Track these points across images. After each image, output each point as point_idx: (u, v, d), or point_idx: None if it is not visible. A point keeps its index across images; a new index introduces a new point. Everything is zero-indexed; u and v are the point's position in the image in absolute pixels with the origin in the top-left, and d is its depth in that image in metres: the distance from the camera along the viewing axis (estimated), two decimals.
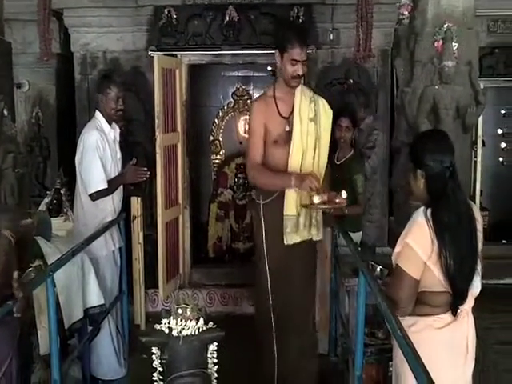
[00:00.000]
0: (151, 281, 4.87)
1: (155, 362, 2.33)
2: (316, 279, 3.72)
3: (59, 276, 2.87)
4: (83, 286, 3.37)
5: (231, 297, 5.36)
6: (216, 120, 6.67)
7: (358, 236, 4.40)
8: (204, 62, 5.52)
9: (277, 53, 3.22)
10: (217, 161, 6.62)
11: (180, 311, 2.32)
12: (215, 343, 2.37)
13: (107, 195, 3.77)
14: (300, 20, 5.21)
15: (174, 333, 2.28)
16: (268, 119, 3.26)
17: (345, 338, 3.87)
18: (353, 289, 3.65)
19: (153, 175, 4.82)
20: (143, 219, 4.79)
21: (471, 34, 3.24)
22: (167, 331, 2.30)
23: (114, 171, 3.87)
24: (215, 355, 2.39)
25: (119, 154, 3.98)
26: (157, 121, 4.77)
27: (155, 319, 2.43)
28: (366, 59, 3.58)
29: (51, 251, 3.10)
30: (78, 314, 3.31)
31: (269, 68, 6.54)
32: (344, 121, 4.20)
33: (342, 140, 4.24)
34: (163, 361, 2.32)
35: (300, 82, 3.29)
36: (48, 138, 5.50)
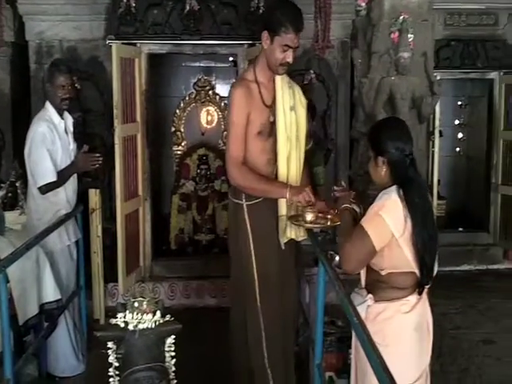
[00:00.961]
0: (111, 274, 4.79)
1: (111, 357, 2.29)
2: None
3: (13, 271, 2.82)
4: (38, 281, 3.31)
5: (193, 289, 5.31)
6: (177, 111, 6.59)
7: None
8: (164, 52, 5.46)
9: (265, 34, 2.86)
10: (179, 152, 6.55)
11: (136, 304, 2.29)
12: (173, 336, 2.34)
13: (58, 187, 3.70)
14: (260, 10, 5.21)
15: (130, 327, 2.25)
16: (251, 108, 2.90)
17: (305, 328, 3.90)
18: (313, 278, 3.68)
19: (112, 166, 4.77)
20: (102, 212, 4.72)
21: (426, 26, 3.28)
22: (123, 325, 2.27)
23: (66, 162, 3.79)
24: (173, 348, 2.36)
25: (72, 145, 3.90)
26: (115, 111, 4.68)
27: (115, 313, 2.39)
28: (325, 50, 3.58)
29: (4, 245, 3.05)
30: (34, 310, 3.25)
31: (230, 59, 6.51)
32: None
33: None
34: (119, 355, 2.29)
35: (286, 70, 2.98)
36: (2, 129, 5.34)
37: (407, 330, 2.39)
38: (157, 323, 2.28)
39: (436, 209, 6.19)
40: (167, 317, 2.34)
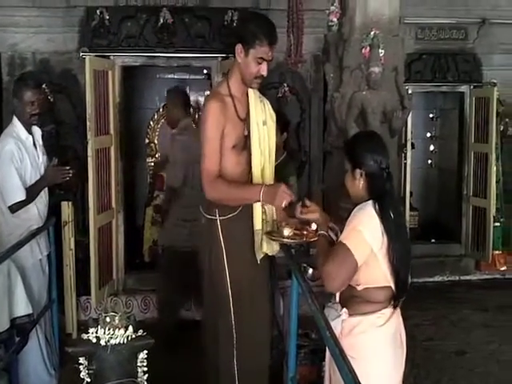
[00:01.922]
0: (83, 288, 4.76)
1: (82, 373, 2.26)
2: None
3: None
4: (9, 295, 3.25)
5: None
6: (151, 122, 6.59)
7: None
8: (138, 64, 5.46)
9: (239, 47, 2.84)
10: (152, 164, 6.54)
11: (108, 319, 2.27)
12: (145, 351, 2.33)
13: (28, 203, 3.65)
14: (234, 24, 5.25)
15: (102, 342, 2.23)
16: (226, 121, 2.87)
17: (279, 340, 3.90)
18: (287, 291, 3.69)
19: (85, 179, 4.74)
20: (75, 224, 4.68)
21: (397, 41, 3.33)
22: (95, 341, 2.25)
23: (36, 177, 3.73)
24: (145, 363, 2.34)
25: (42, 158, 3.84)
26: (88, 123, 4.66)
27: (87, 327, 2.37)
28: (297, 64, 3.62)
29: None
30: (5, 324, 3.19)
31: (205, 71, 6.54)
32: (277, 124, 4.25)
33: (279, 143, 4.31)
34: (91, 371, 2.27)
35: (260, 84, 2.98)
36: None
37: (382, 343, 2.39)
38: (129, 338, 2.26)
39: (408, 220, 6.28)
40: (140, 331, 2.32)
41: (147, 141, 6.57)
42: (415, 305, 4.55)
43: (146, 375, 2.35)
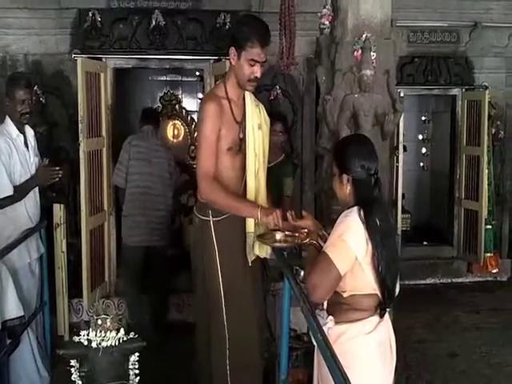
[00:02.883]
0: (75, 290, 4.75)
1: (74, 375, 2.27)
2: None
3: None
4: (0, 298, 3.24)
5: None
6: None
7: None
8: (130, 66, 5.47)
9: (232, 50, 2.87)
10: None
11: (100, 322, 2.27)
12: (136, 354, 2.33)
13: (17, 201, 3.64)
14: (226, 26, 5.26)
15: (94, 344, 2.23)
16: (223, 123, 2.91)
17: (271, 342, 3.90)
18: (279, 293, 3.68)
19: (77, 181, 4.73)
20: (66, 227, 4.66)
21: (389, 45, 3.33)
22: (86, 343, 2.24)
23: (25, 177, 3.73)
24: (137, 366, 2.34)
25: (33, 159, 3.84)
26: (80, 125, 4.67)
27: (79, 330, 2.36)
28: (289, 67, 3.62)
29: None
30: None
31: (197, 73, 6.54)
32: (278, 126, 4.32)
33: (278, 144, 4.36)
34: (83, 373, 2.26)
35: (255, 86, 2.99)
36: None
37: (370, 351, 2.37)
38: (120, 341, 2.27)
39: (401, 223, 6.29)
40: (131, 334, 2.32)
41: None
42: (407, 307, 4.56)
43: (138, 378, 2.35)
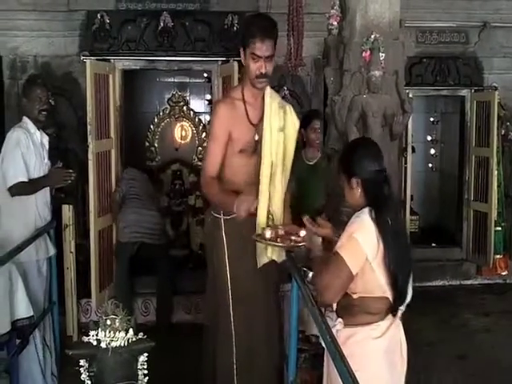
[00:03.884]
0: (84, 290, 4.78)
1: (83, 375, 2.27)
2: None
3: None
4: (10, 298, 3.25)
5: None
6: (152, 126, 6.60)
7: None
8: (138, 68, 5.50)
9: (241, 50, 2.89)
10: (152, 167, 6.54)
11: (109, 322, 2.27)
12: (145, 354, 2.33)
13: (28, 193, 3.68)
14: (234, 28, 5.27)
15: (103, 344, 2.23)
16: (234, 125, 2.89)
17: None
18: (287, 294, 3.67)
19: (85, 182, 4.76)
20: (75, 227, 4.68)
21: (397, 45, 3.33)
22: (95, 343, 2.25)
23: (39, 172, 3.78)
24: (145, 366, 2.34)
25: (47, 160, 3.90)
26: (89, 127, 4.69)
27: (88, 330, 2.37)
28: (297, 68, 3.62)
29: None
30: (6, 327, 3.19)
31: (205, 74, 6.55)
32: (317, 123, 4.36)
33: (318, 142, 4.37)
34: (91, 373, 2.27)
35: (266, 83, 2.93)
36: None
37: (377, 356, 2.36)
38: (129, 341, 2.27)
39: (409, 224, 6.27)
40: (140, 334, 2.32)
41: (147, 144, 6.58)
42: (416, 309, 4.50)
43: (147, 378, 2.35)
